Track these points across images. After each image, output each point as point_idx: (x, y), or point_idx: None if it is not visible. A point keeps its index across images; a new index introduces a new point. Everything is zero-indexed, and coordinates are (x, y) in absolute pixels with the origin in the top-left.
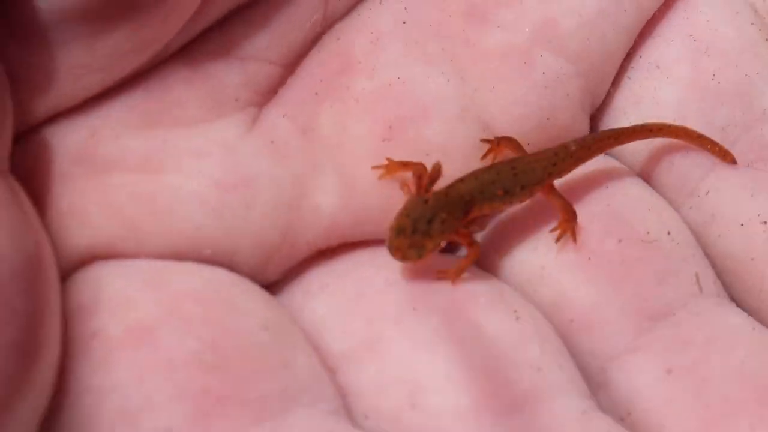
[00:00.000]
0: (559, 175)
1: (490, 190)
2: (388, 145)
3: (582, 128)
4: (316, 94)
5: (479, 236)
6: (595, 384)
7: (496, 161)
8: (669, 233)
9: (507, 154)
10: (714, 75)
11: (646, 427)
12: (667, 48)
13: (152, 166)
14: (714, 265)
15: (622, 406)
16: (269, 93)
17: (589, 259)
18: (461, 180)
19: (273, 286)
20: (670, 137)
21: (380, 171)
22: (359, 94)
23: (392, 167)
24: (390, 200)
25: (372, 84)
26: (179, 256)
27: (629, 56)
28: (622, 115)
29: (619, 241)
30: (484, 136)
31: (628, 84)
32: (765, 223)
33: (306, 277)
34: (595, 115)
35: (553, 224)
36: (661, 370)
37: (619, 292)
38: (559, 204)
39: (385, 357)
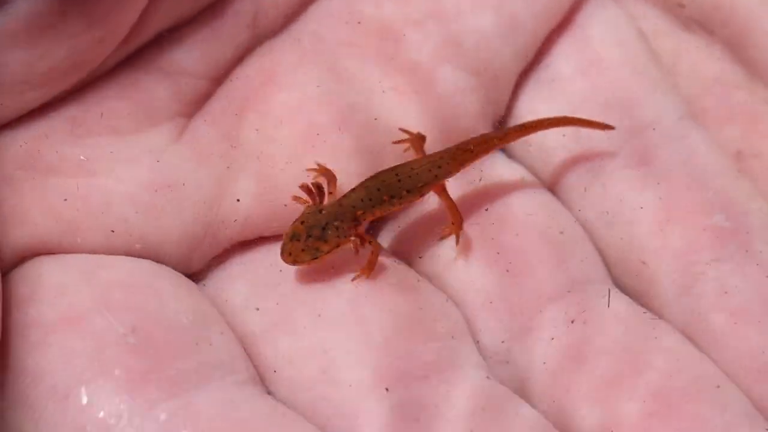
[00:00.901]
0: (446, 176)
1: (377, 197)
2: (304, 151)
3: None
4: (241, 105)
5: (391, 236)
6: (494, 361)
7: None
8: (562, 229)
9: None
10: (601, 89)
11: (540, 397)
12: (561, 64)
13: (87, 171)
14: (604, 257)
15: (519, 379)
16: (197, 104)
17: (490, 249)
18: (353, 190)
19: (198, 274)
20: (550, 128)
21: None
22: (279, 105)
23: (320, 169)
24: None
25: (292, 97)
26: (112, 251)
27: (528, 71)
28: (520, 122)
29: (516, 234)
30: (391, 144)
31: (526, 96)
32: (642, 208)
33: (227, 265)
34: (497, 126)
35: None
36: (551, 347)
37: (516, 279)
38: (447, 206)
39: (297, 334)
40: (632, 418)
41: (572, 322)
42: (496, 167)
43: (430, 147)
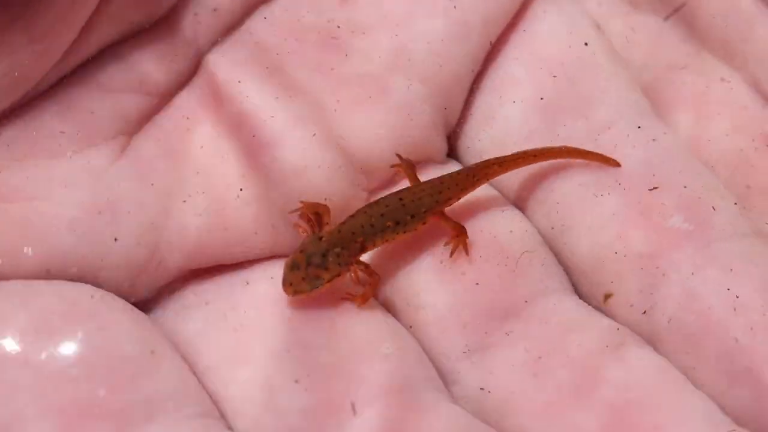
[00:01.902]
0: (447, 202)
1: (381, 223)
2: (248, 170)
3: (438, 146)
4: (184, 122)
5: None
6: (448, 381)
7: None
8: (519, 238)
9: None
10: (555, 91)
11: (494, 415)
12: (512, 68)
13: (25, 195)
14: (567, 266)
15: (476, 397)
16: (140, 122)
17: (443, 263)
18: (352, 216)
19: (150, 302)
20: (552, 159)
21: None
22: (222, 121)
23: (305, 207)
24: (258, 223)
25: (237, 110)
26: (50, 275)
27: (480, 77)
28: (475, 132)
29: (472, 245)
30: (341, 157)
31: (479, 103)
32: (602, 213)
33: (182, 294)
34: (452, 134)
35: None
36: (507, 364)
37: (472, 295)
38: (449, 225)
39: (250, 365)
40: None
41: (527, 338)
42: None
43: (386, 158)
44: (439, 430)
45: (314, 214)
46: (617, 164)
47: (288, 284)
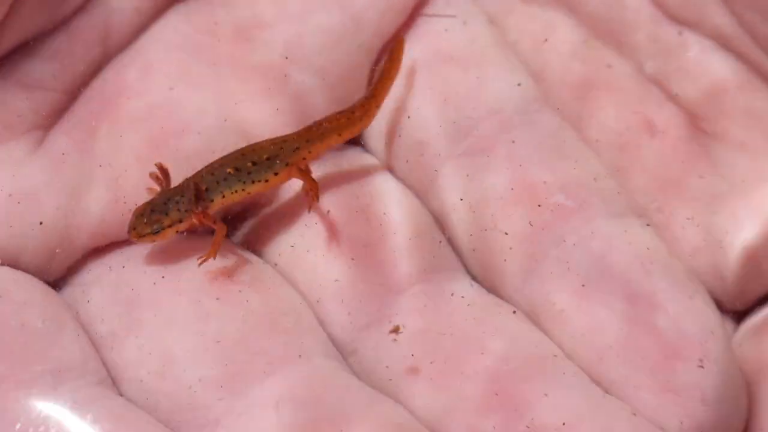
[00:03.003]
0: (295, 152)
1: (222, 171)
2: (153, 156)
3: None
4: (94, 116)
5: (245, 229)
6: (345, 352)
7: None
8: (409, 218)
9: None
10: (447, 79)
11: (383, 386)
12: (407, 57)
13: None
14: (457, 246)
15: (366, 370)
16: (54, 117)
17: (338, 241)
18: (197, 171)
19: (59, 281)
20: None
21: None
22: (130, 114)
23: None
24: None
25: (141, 105)
26: None
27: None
28: (375, 120)
29: (369, 226)
30: (244, 144)
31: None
32: (486, 194)
33: (83, 271)
34: None
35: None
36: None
37: (364, 270)
38: (304, 179)
39: (143, 336)
40: (470, 402)
41: (418, 311)
42: (352, 162)
43: None
44: (338, 400)
45: (162, 170)
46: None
47: (132, 229)
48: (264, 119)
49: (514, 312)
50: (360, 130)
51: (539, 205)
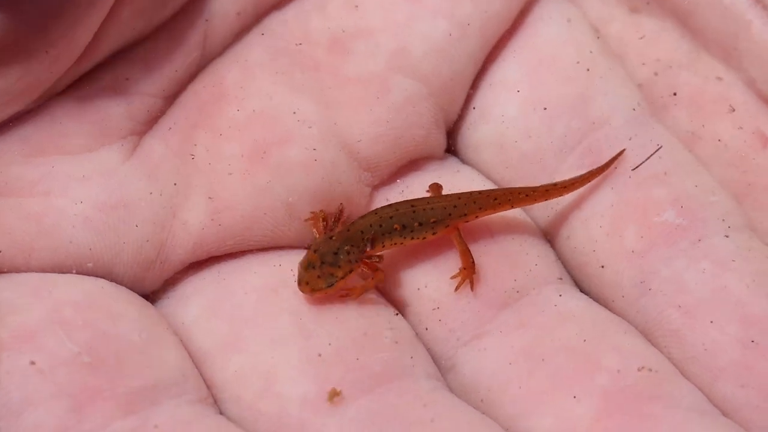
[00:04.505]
0: (462, 218)
1: (389, 225)
2: (254, 166)
3: (438, 143)
4: (192, 122)
5: None
6: (444, 368)
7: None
8: (513, 229)
9: None
10: (550, 90)
11: (489, 403)
12: (512, 67)
13: (40, 191)
14: (565, 260)
15: (469, 387)
16: (150, 123)
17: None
18: (363, 217)
19: (156, 293)
20: (578, 188)
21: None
22: (230, 121)
23: (313, 217)
24: (252, 217)
25: (241, 112)
26: (63, 269)
27: (480, 75)
28: (474, 129)
29: (469, 237)
30: (345, 154)
31: (478, 101)
32: (596, 209)
33: (180, 285)
34: (452, 131)
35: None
36: (502, 352)
37: (464, 284)
38: (460, 250)
39: (244, 353)
40: (584, 421)
41: (523, 326)
42: (450, 174)
43: (388, 155)
44: (434, 418)
45: (326, 215)
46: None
47: (304, 283)
48: (365, 130)
49: (627, 326)
50: (528, 203)
51: (649, 222)
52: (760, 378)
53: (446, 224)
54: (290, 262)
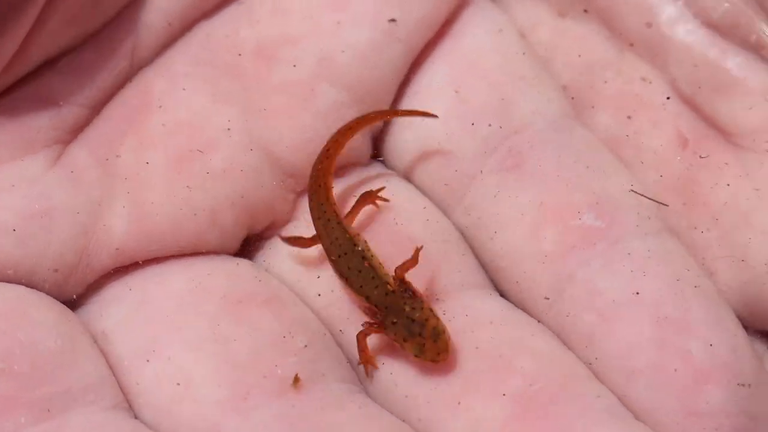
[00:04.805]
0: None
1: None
2: (177, 173)
3: (362, 149)
4: (118, 131)
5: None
6: (361, 372)
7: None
8: (434, 233)
9: None
10: (476, 94)
11: (404, 408)
12: (438, 72)
13: None
14: (485, 263)
15: (386, 389)
16: (76, 131)
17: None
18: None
19: (78, 299)
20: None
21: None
22: (154, 129)
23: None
24: (175, 224)
25: (166, 120)
26: None
27: (406, 81)
28: (399, 135)
29: (392, 242)
30: (269, 161)
31: (404, 107)
32: (515, 212)
33: (103, 291)
34: (377, 137)
35: None
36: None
37: None
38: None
39: (161, 358)
40: (496, 423)
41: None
42: (374, 180)
43: (313, 162)
44: (346, 421)
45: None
46: (434, 116)
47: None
48: (289, 137)
49: (544, 330)
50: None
51: (568, 225)
52: (673, 380)
53: None
54: (212, 268)
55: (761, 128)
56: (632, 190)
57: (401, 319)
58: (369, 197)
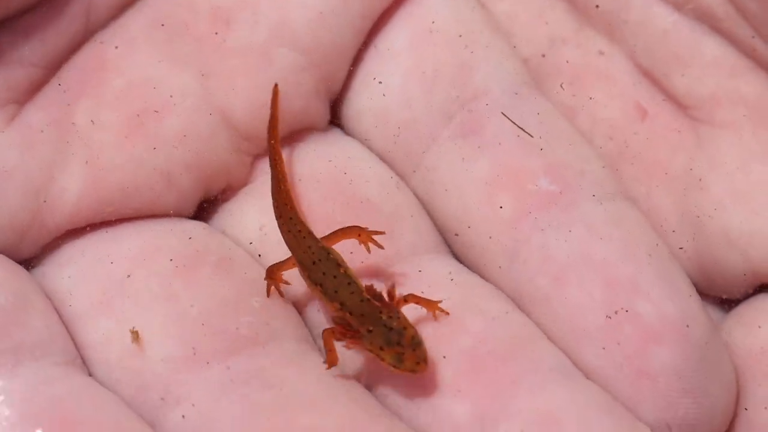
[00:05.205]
0: None
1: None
2: (133, 135)
3: (319, 114)
4: (73, 92)
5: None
6: (317, 335)
7: None
8: (390, 198)
9: None
10: (434, 61)
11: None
12: (396, 37)
13: None
14: (441, 227)
15: (339, 351)
16: (31, 92)
17: (319, 219)
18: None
19: (33, 259)
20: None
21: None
22: (110, 91)
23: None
24: (130, 186)
25: (122, 82)
26: None
27: (365, 45)
28: (357, 100)
29: (347, 204)
30: (225, 124)
31: (362, 71)
32: (472, 178)
33: (58, 252)
34: (335, 101)
35: None
36: None
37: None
38: None
39: (113, 316)
40: (443, 383)
41: (402, 289)
42: (334, 143)
43: (262, 127)
44: (299, 379)
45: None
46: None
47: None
48: (245, 101)
49: (495, 292)
50: None
51: (524, 190)
52: (623, 340)
53: None
54: (166, 230)
55: (714, 100)
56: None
57: (378, 327)
58: (358, 234)
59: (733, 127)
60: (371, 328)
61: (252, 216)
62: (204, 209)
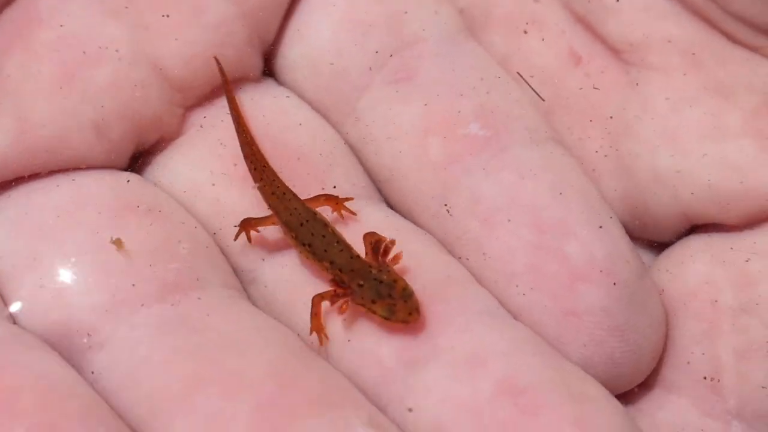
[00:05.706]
0: None
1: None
2: (63, 87)
3: (252, 64)
4: (4, 44)
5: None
6: (245, 281)
7: None
8: (322, 145)
9: None
10: (367, 9)
11: (287, 312)
12: None
13: None
14: (374, 174)
15: (269, 297)
16: None
17: (236, 166)
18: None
19: None
20: None
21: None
22: (41, 43)
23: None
24: (60, 138)
25: (53, 34)
26: None
27: None
28: (289, 50)
29: (277, 152)
30: (156, 75)
31: (294, 22)
32: (404, 123)
33: None
34: (268, 52)
35: None
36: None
37: None
38: None
39: (39, 268)
40: (371, 325)
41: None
42: (266, 93)
43: (201, 76)
44: (227, 324)
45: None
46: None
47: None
48: (177, 51)
49: (425, 235)
50: None
51: (455, 135)
52: (550, 280)
53: None
54: (96, 181)
55: (646, 43)
56: (518, 73)
57: (368, 282)
58: (333, 202)
59: (664, 69)
60: (362, 283)
61: (184, 167)
62: (137, 162)
